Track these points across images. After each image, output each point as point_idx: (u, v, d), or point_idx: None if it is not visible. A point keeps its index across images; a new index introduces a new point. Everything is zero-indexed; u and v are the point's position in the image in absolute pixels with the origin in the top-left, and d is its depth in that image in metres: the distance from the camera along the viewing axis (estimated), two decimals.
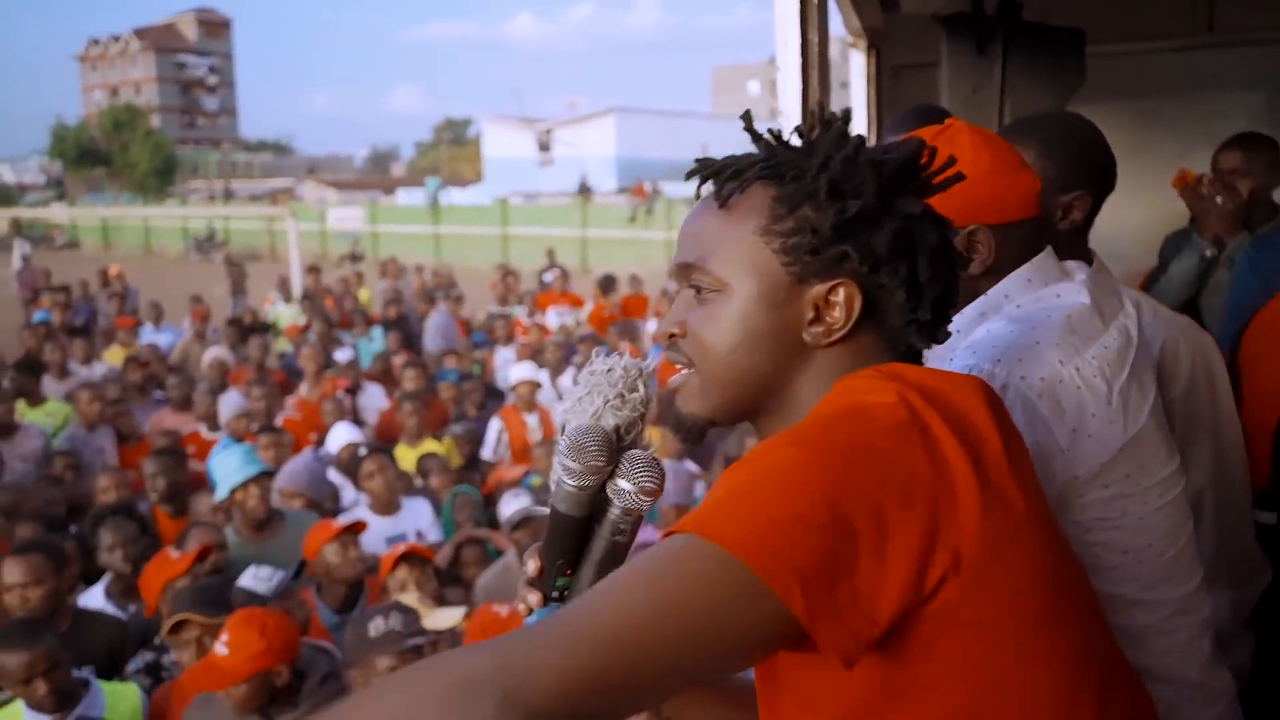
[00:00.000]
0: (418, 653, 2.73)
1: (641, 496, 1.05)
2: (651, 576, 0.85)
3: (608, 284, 12.14)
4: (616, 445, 1.07)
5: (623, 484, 1.05)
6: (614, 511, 1.06)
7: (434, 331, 9.95)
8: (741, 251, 1.03)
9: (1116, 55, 3.71)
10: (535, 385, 6.91)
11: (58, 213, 38.22)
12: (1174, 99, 3.97)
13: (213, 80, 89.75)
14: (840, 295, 1.01)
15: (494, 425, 6.64)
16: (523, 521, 4.30)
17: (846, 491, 0.86)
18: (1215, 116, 4.02)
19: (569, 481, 1.05)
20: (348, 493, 5.15)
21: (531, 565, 1.10)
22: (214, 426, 6.43)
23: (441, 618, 3.27)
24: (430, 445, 6.10)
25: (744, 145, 1.12)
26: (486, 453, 6.51)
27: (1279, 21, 3.69)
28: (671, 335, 1.08)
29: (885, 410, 0.93)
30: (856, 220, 0.99)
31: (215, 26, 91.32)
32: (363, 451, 5.09)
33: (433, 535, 4.76)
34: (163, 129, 68.16)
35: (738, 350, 1.03)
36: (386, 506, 4.66)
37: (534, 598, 1.09)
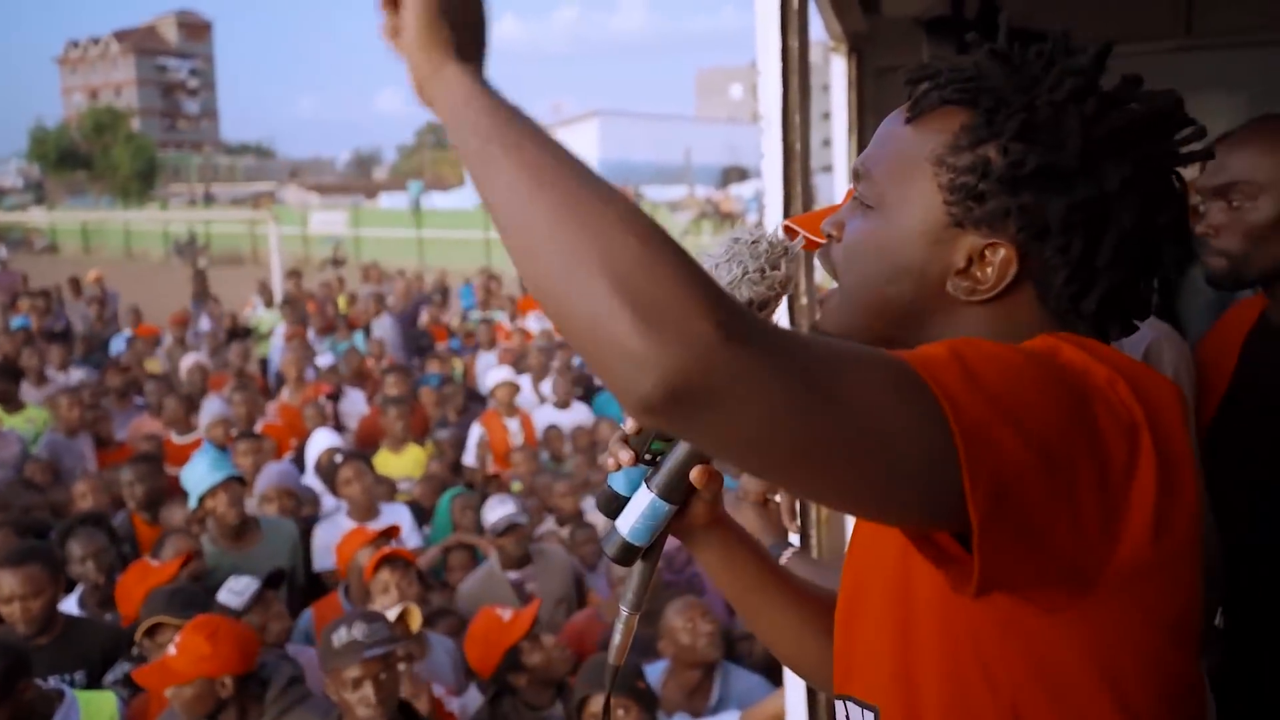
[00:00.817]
0: (383, 660, 2.71)
1: (777, 279, 0.98)
2: (874, 372, 0.74)
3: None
4: None
5: (757, 266, 0.98)
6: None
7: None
8: (910, 174, 0.93)
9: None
10: (514, 388, 6.88)
11: (37, 216, 37.98)
12: None
13: (194, 83, 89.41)
14: (996, 255, 0.90)
15: (475, 431, 6.61)
16: (509, 529, 4.28)
17: (1076, 422, 0.77)
18: (1200, 117, 4.03)
19: (749, 278, 0.99)
20: (327, 499, 5.11)
21: (630, 423, 1.03)
22: (184, 431, 6.35)
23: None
24: (414, 450, 6.06)
25: (727, 146, 1.06)
26: (468, 458, 6.48)
27: (1256, 24, 3.70)
28: (829, 236, 1.01)
29: (1104, 382, 0.81)
30: (1037, 176, 0.87)
31: (196, 29, 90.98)
32: (339, 458, 5.05)
33: (413, 541, 4.72)
34: (143, 132, 67.87)
35: (879, 275, 0.95)
36: (364, 512, 4.63)
37: (625, 455, 1.02)
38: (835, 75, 4.10)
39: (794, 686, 1.99)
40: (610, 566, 4.03)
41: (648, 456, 1.03)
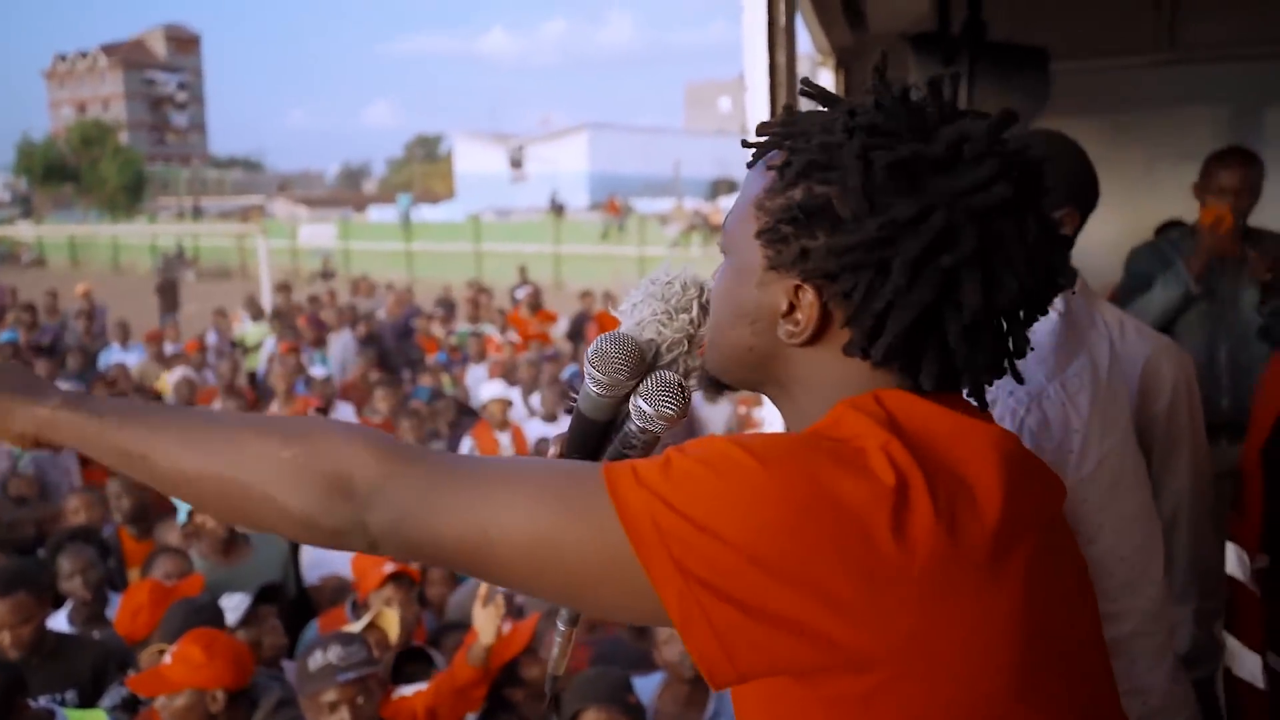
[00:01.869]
0: (359, 684, 2.69)
1: (658, 420, 1.01)
2: (550, 484, 0.86)
3: (534, 301, 12.13)
4: (651, 362, 1.02)
5: (642, 404, 1.01)
6: (631, 425, 1.03)
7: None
8: (741, 220, 0.94)
9: (1084, 72, 3.76)
10: (506, 403, 6.88)
11: (24, 230, 37.81)
12: (1140, 114, 4.03)
13: (182, 96, 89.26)
14: (805, 298, 0.89)
15: (466, 444, 6.60)
16: None
17: (782, 534, 0.76)
18: (1181, 130, 4.09)
19: (591, 386, 1.02)
20: None
21: (552, 450, 1.08)
22: None
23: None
24: None
25: (716, 159, 1.08)
26: None
27: (1240, 39, 3.75)
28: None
29: (863, 461, 0.80)
30: (820, 216, 0.86)
31: (185, 43, 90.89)
32: None
33: None
34: (131, 145, 67.68)
35: (725, 319, 0.96)
36: None
37: None
38: None
39: None
40: None
41: None
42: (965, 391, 0.93)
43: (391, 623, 3.24)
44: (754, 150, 0.96)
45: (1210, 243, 3.01)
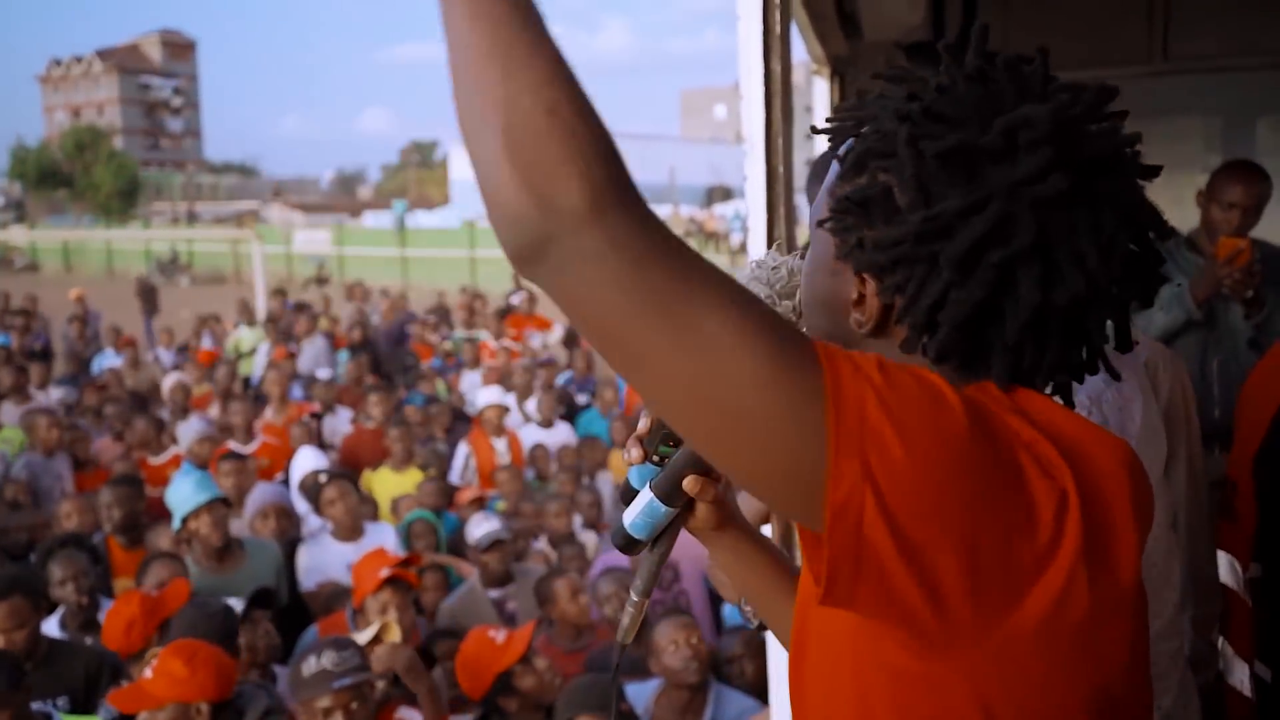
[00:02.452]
0: (353, 690, 2.68)
1: None
2: (777, 340, 0.72)
3: (529, 308, 12.16)
4: None
5: None
6: None
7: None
8: (822, 207, 0.93)
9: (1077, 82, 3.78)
10: (503, 409, 6.88)
11: (17, 235, 37.71)
12: (1133, 124, 4.04)
13: (177, 102, 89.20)
14: (868, 288, 0.87)
15: (462, 450, 6.60)
16: (492, 545, 4.27)
17: (969, 486, 0.74)
18: (1173, 141, 4.11)
19: None
20: (311, 519, 5.09)
21: (643, 422, 1.08)
22: (155, 451, 6.27)
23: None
24: (415, 472, 6.05)
25: (711, 166, 1.07)
26: (454, 477, 6.47)
27: (1231, 50, 3.77)
28: None
29: (1008, 425, 0.79)
30: (877, 206, 0.85)
31: (180, 48, 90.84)
32: (323, 478, 5.03)
33: None
34: (126, 150, 67.59)
35: (807, 305, 0.98)
36: (349, 533, 4.60)
37: (636, 452, 1.08)
38: (818, 97, 4.15)
39: (779, 706, 2.00)
40: (595, 587, 4.02)
41: (655, 459, 1.09)
42: (1049, 390, 0.90)
43: (396, 635, 3.23)
44: (830, 138, 0.94)
45: (1223, 273, 2.99)
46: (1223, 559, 2.28)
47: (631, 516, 1.09)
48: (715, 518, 1.10)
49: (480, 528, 4.40)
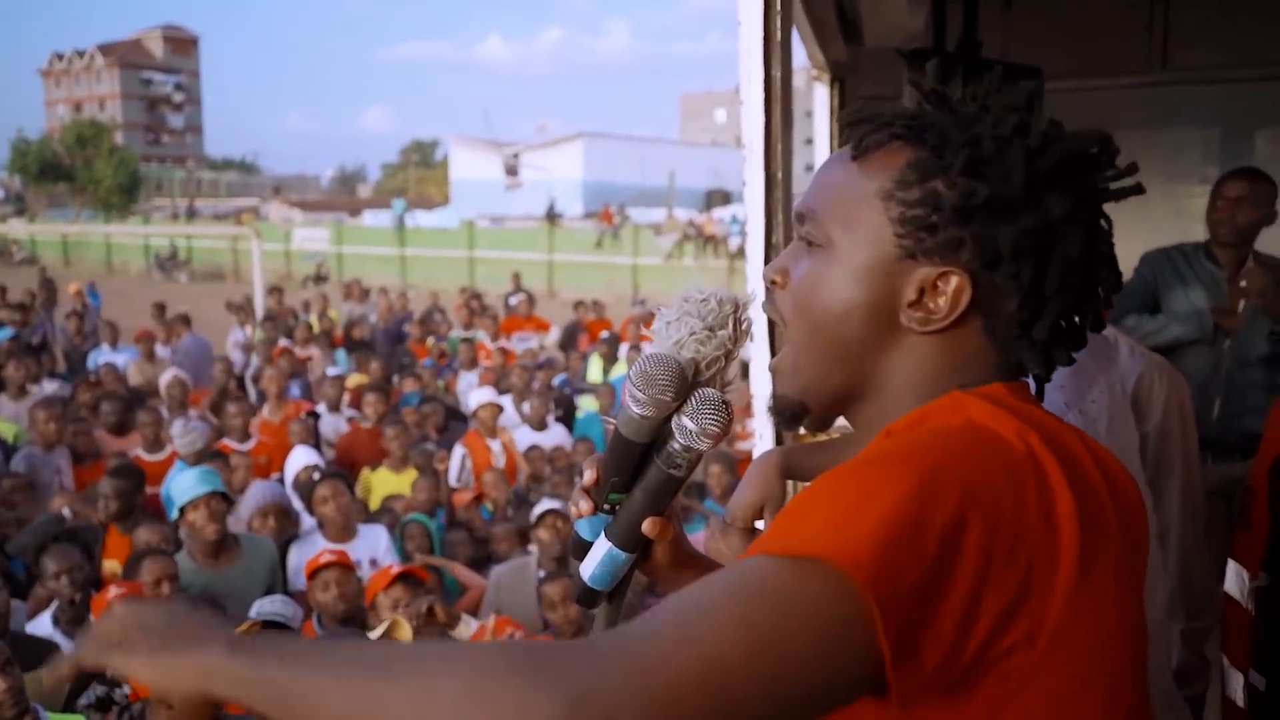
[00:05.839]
0: None
1: (703, 438, 1.00)
2: (739, 613, 0.73)
3: (527, 309, 12.17)
4: (691, 380, 1.01)
5: (687, 422, 1.00)
6: (674, 445, 1.02)
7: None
8: (859, 210, 0.94)
9: (1077, 90, 3.79)
10: (496, 409, 6.88)
11: (16, 228, 37.67)
12: (1133, 133, 4.04)
13: (179, 97, 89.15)
14: (949, 284, 0.91)
15: (458, 451, 6.60)
16: (545, 514, 4.56)
17: (957, 525, 0.76)
18: (1173, 150, 4.12)
19: (633, 408, 1.01)
20: (306, 518, 5.09)
21: (589, 474, 1.07)
22: (153, 449, 6.25)
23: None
24: (413, 471, 6.06)
25: (710, 170, 1.06)
26: (451, 478, 6.47)
27: (1231, 60, 3.78)
28: (773, 283, 1.01)
29: (1006, 444, 0.84)
30: (987, 207, 0.90)
31: (182, 44, 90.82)
32: (317, 476, 5.03)
33: (388, 562, 4.70)
34: (127, 146, 67.45)
35: (833, 312, 0.95)
36: (341, 533, 4.59)
37: (585, 504, 1.07)
38: (818, 102, 4.15)
39: None
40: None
41: (606, 507, 1.07)
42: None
43: (406, 634, 3.23)
44: (855, 142, 0.96)
45: (1261, 304, 3.02)
46: (1231, 568, 2.28)
47: (590, 569, 1.07)
48: (672, 556, 1.10)
49: (539, 506, 4.64)
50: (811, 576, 0.73)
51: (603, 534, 1.07)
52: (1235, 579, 2.27)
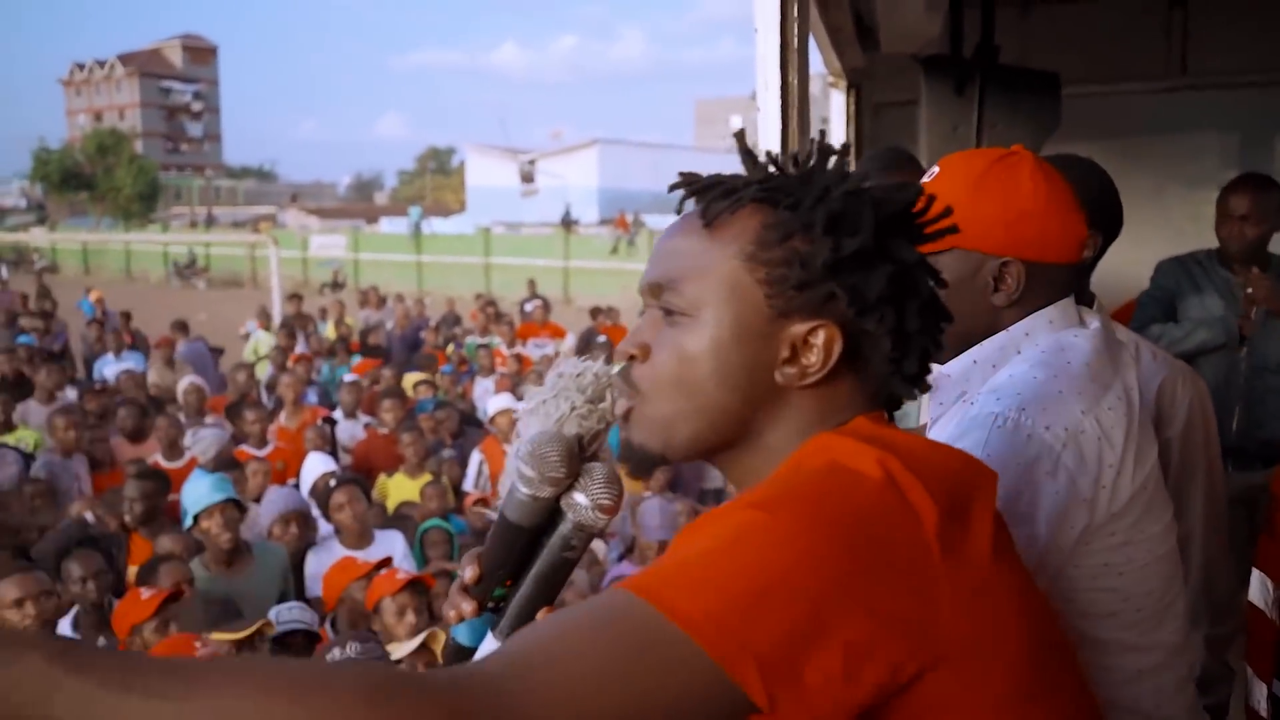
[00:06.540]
0: None
1: (597, 513, 1.00)
2: (600, 642, 0.76)
3: (543, 315, 12.17)
4: (578, 456, 1.01)
5: (579, 498, 0.99)
6: (566, 525, 1.00)
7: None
8: (721, 276, 0.94)
9: (1095, 96, 3.77)
10: (514, 416, 6.88)
11: (38, 237, 38.01)
12: (1150, 139, 4.03)
13: (197, 106, 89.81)
14: (820, 337, 0.94)
15: (475, 458, 6.61)
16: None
17: (822, 566, 0.78)
18: (1190, 156, 4.10)
19: (523, 490, 0.99)
20: (323, 524, 5.10)
21: (469, 571, 1.04)
22: (171, 456, 6.26)
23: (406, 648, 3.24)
24: (429, 477, 6.06)
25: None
26: (468, 484, 6.48)
27: (1249, 66, 3.76)
28: (631, 357, 0.99)
29: (866, 477, 0.85)
30: (851, 260, 0.92)
31: (201, 53, 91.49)
32: (334, 482, 5.04)
33: (405, 568, 4.70)
34: (146, 154, 68.00)
35: (708, 380, 0.95)
36: (358, 539, 4.59)
37: (468, 606, 1.04)
38: (834, 109, 4.15)
39: None
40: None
41: (491, 605, 1.03)
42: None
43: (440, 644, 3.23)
44: (704, 209, 0.97)
45: (1272, 308, 3.01)
46: (1255, 577, 2.25)
47: None
48: None
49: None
50: (660, 633, 0.75)
51: (489, 634, 1.03)
52: (1260, 588, 2.24)
